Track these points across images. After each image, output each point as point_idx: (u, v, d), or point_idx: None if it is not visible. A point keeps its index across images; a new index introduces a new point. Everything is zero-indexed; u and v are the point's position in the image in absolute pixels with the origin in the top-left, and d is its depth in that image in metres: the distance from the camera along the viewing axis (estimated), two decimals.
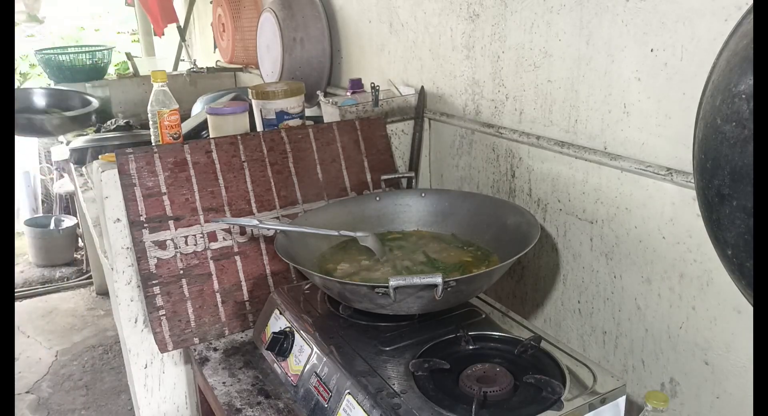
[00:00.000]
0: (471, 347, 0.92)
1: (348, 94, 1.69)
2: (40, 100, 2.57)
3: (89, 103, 2.50)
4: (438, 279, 0.86)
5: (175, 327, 1.18)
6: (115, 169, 1.19)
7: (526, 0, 1.17)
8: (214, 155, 1.27)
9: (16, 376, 2.49)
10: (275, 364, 1.05)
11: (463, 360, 0.89)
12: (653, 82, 0.96)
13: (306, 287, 1.18)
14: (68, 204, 3.84)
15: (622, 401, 0.83)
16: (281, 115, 1.56)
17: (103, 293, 3.11)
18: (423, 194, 1.29)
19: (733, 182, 0.70)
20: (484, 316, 1.03)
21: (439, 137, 1.53)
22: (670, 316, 1.01)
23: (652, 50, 0.95)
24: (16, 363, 2.58)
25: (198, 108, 2.11)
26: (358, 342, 0.96)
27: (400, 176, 1.42)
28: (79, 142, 1.92)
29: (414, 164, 1.55)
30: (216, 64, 2.99)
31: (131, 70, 2.87)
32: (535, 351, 0.90)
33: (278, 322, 1.08)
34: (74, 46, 3.29)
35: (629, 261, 1.07)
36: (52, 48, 3.08)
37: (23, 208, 4.00)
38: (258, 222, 1.10)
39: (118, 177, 1.19)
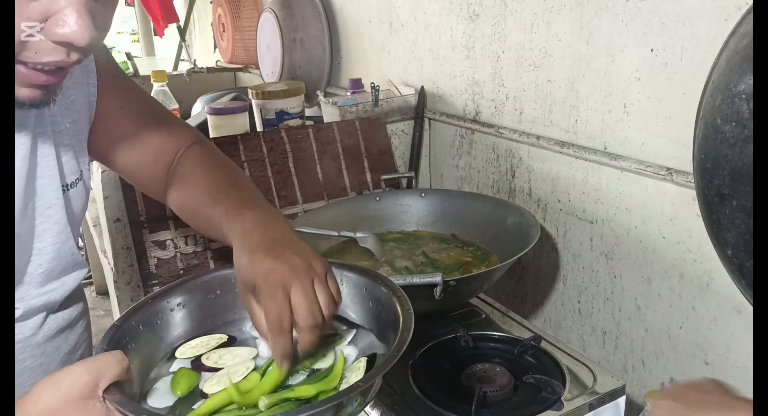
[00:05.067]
0: (471, 347, 0.92)
1: (348, 94, 1.69)
2: None
3: None
4: (438, 279, 0.86)
5: None
6: None
7: (526, 0, 1.17)
8: None
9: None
10: None
11: (463, 360, 0.88)
12: (653, 82, 0.96)
13: None
14: None
15: (622, 401, 0.83)
16: (281, 115, 1.56)
17: (103, 293, 3.11)
18: (423, 194, 1.29)
19: (733, 182, 0.70)
20: (484, 316, 1.03)
21: (439, 137, 1.53)
22: (670, 316, 1.01)
23: (652, 50, 0.95)
24: None
25: (198, 108, 2.11)
26: None
27: (400, 176, 1.42)
28: None
29: (414, 164, 1.55)
30: (216, 64, 2.99)
31: (131, 70, 2.86)
32: (535, 351, 0.90)
33: None
34: None
35: (629, 261, 1.07)
36: None
37: None
38: None
39: (118, 177, 1.19)
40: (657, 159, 0.98)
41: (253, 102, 1.60)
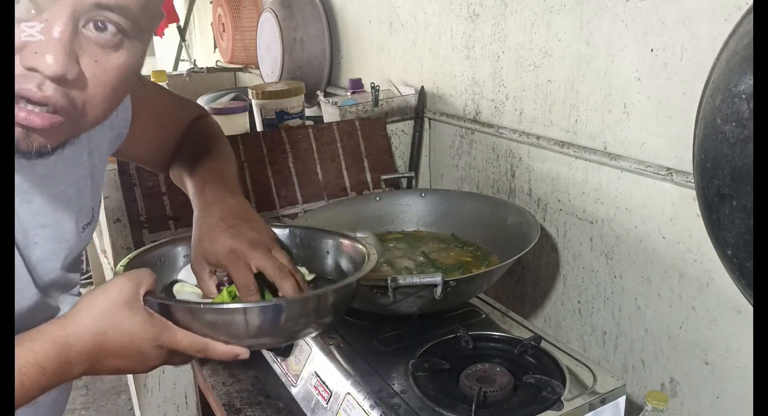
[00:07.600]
0: (471, 347, 0.92)
1: (348, 94, 1.69)
2: None
3: None
4: (438, 279, 0.86)
5: None
6: (115, 169, 1.19)
7: (526, 0, 1.17)
8: None
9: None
10: (275, 364, 1.04)
11: (463, 360, 0.88)
12: (653, 82, 0.96)
13: None
14: None
15: (622, 401, 0.83)
16: (281, 115, 1.56)
17: None
18: (423, 194, 1.29)
19: (733, 182, 0.70)
20: (484, 316, 1.03)
21: (439, 137, 1.53)
22: (670, 316, 1.01)
23: (652, 50, 0.95)
24: None
25: None
26: (358, 342, 0.96)
27: (400, 176, 1.42)
28: None
29: (414, 164, 1.55)
30: (216, 64, 2.99)
31: None
32: (535, 351, 0.90)
33: None
34: None
35: (629, 261, 1.07)
36: None
37: None
38: None
39: (118, 177, 1.19)
40: (657, 159, 0.98)
41: (253, 102, 1.60)
